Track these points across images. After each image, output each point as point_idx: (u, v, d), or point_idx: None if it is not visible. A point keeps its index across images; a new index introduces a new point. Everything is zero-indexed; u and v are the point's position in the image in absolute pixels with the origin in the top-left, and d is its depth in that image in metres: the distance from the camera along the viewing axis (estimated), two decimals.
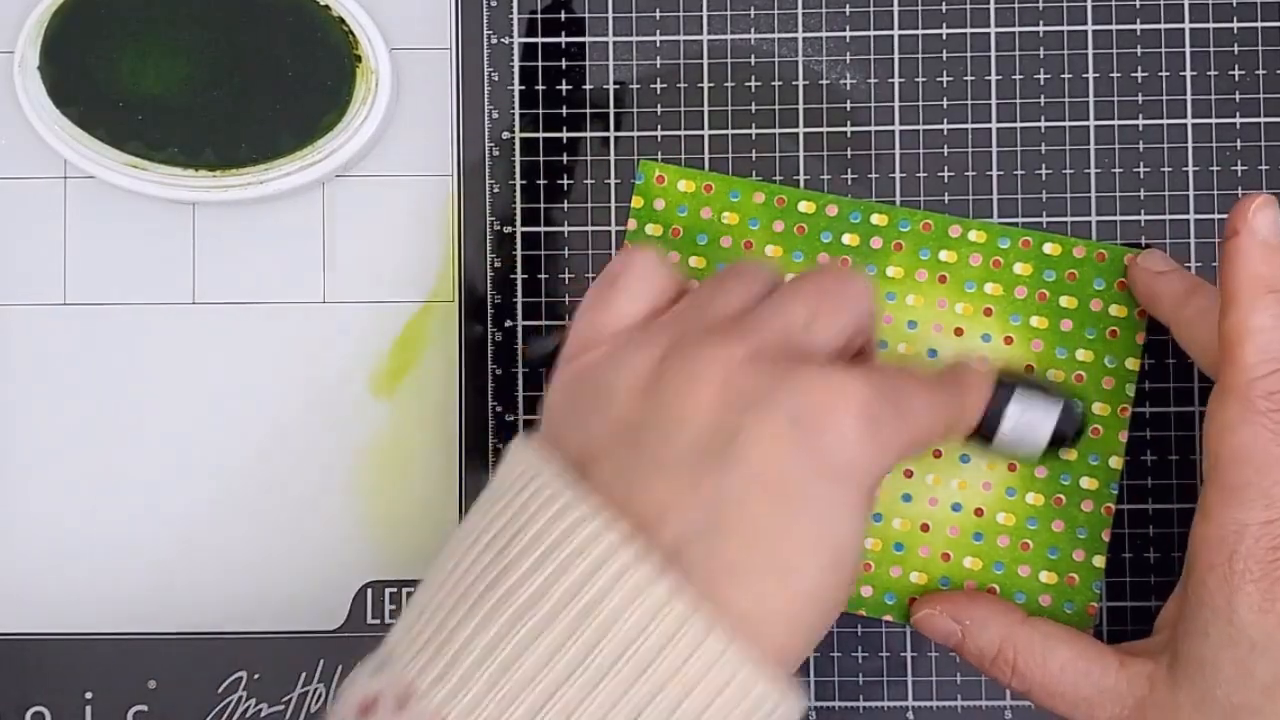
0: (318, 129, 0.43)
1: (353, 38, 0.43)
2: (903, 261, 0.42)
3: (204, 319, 0.44)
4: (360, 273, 0.44)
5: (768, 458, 0.32)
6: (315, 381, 0.44)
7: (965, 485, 0.42)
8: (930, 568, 0.42)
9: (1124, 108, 0.43)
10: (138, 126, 0.43)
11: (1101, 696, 0.38)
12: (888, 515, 0.42)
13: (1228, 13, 0.43)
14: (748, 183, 0.43)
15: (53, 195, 0.44)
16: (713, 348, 0.33)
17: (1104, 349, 0.42)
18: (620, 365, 0.34)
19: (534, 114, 0.44)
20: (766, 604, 0.31)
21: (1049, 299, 0.42)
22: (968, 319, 0.42)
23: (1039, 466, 0.41)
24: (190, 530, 0.44)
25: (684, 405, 0.32)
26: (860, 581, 0.42)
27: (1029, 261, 0.42)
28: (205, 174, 0.43)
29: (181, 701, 0.43)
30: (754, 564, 0.31)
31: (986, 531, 0.42)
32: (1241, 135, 0.43)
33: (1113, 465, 0.41)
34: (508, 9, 0.44)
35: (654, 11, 0.44)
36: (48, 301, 0.44)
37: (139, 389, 0.44)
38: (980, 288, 0.42)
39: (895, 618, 0.42)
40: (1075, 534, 0.41)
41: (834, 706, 0.43)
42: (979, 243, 0.42)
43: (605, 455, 0.33)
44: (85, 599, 0.44)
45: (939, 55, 0.44)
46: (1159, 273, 0.41)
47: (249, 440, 0.44)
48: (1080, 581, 0.41)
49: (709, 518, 0.31)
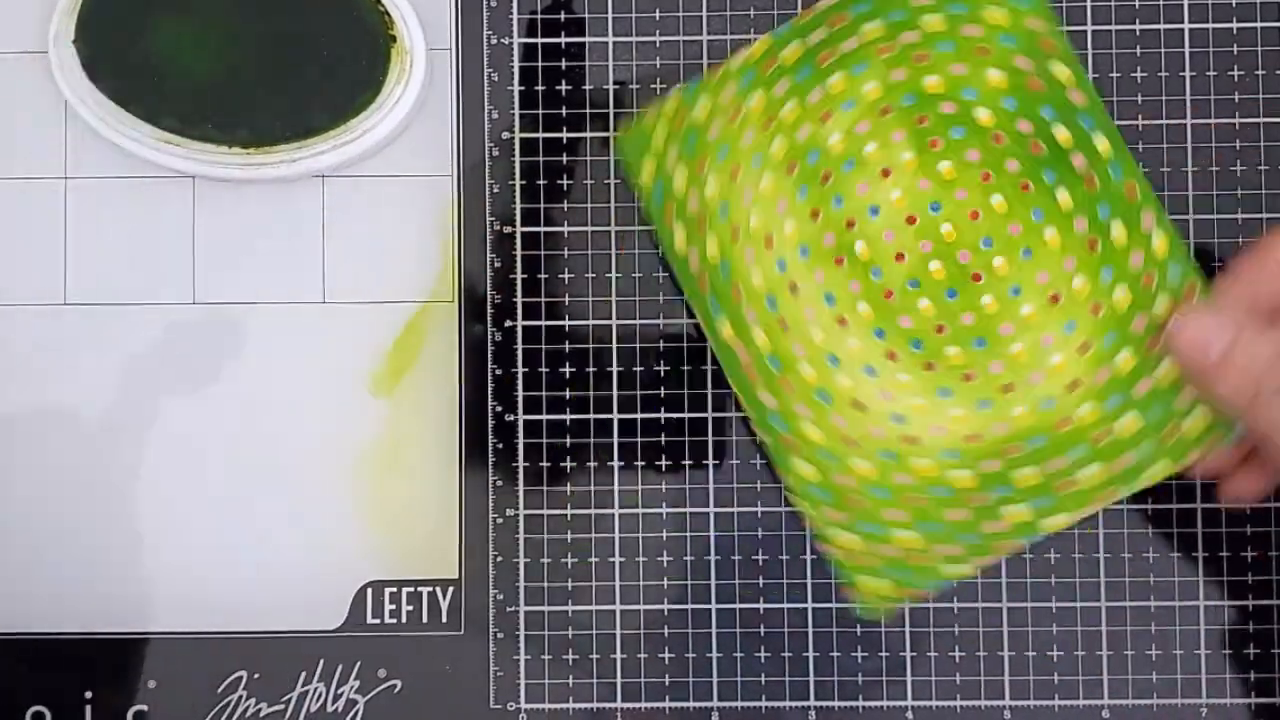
0: (353, 108, 0.43)
1: (388, 18, 0.43)
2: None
3: (204, 319, 0.44)
4: (360, 273, 0.44)
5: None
6: (315, 381, 0.44)
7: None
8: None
9: (1124, 108, 0.43)
10: (172, 103, 0.43)
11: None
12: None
13: (1228, 13, 0.43)
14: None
15: (53, 195, 0.44)
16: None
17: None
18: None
19: (534, 114, 0.44)
20: None
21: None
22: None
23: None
24: (190, 530, 0.44)
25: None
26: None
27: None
28: (239, 151, 0.43)
29: (181, 701, 0.43)
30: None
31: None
32: (1241, 135, 0.43)
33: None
34: (508, 9, 0.44)
35: (654, 11, 0.44)
36: (48, 301, 0.44)
37: (139, 389, 0.44)
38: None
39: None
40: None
41: (834, 706, 0.43)
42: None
43: None
44: (85, 599, 0.44)
45: None
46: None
47: (249, 440, 0.44)
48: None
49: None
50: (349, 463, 0.44)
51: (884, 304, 0.40)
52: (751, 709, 0.43)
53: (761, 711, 0.43)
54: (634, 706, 0.43)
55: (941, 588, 0.42)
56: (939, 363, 0.40)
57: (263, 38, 0.43)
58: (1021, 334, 0.39)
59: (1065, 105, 0.39)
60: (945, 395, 0.40)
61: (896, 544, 0.41)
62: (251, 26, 0.43)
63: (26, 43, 0.44)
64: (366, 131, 0.43)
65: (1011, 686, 0.43)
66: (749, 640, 0.43)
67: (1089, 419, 0.39)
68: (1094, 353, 0.39)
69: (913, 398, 0.40)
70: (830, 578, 0.43)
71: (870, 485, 0.40)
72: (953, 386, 0.40)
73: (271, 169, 0.43)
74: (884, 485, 0.40)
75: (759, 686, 0.43)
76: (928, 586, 0.41)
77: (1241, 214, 0.43)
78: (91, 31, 0.43)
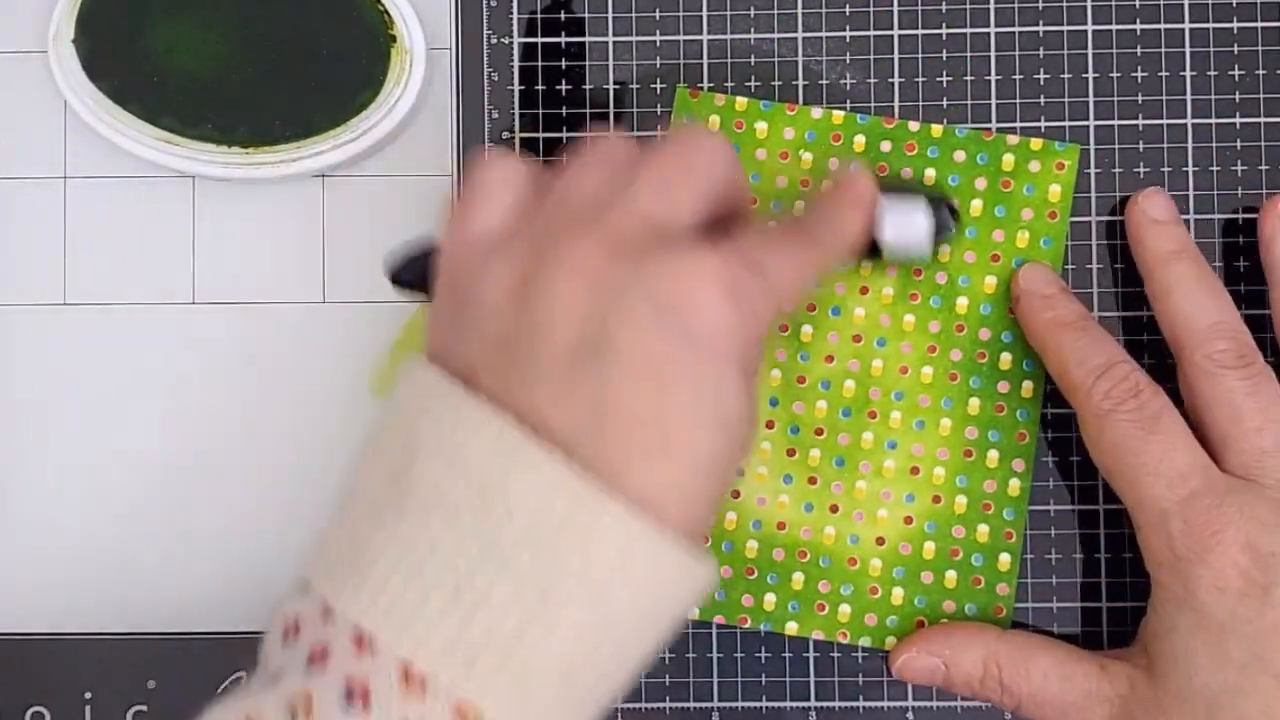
0: (352, 107, 0.43)
1: (388, 17, 0.43)
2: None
3: (204, 319, 0.44)
4: (360, 273, 0.44)
5: (636, 345, 0.32)
6: (315, 381, 0.44)
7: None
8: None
9: (1124, 108, 0.43)
10: (171, 102, 0.43)
11: (1087, 700, 0.39)
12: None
13: (1228, 13, 0.43)
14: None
15: (53, 195, 0.44)
16: (571, 247, 0.33)
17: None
18: (491, 277, 0.34)
19: (534, 114, 0.44)
20: (661, 479, 0.32)
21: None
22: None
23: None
24: (190, 530, 0.44)
25: (551, 311, 0.33)
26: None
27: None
28: (238, 151, 0.43)
29: (181, 701, 0.43)
30: (642, 446, 0.32)
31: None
32: (1241, 135, 0.43)
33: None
34: (508, 9, 0.44)
35: (654, 11, 0.44)
36: (48, 301, 0.44)
37: (139, 389, 0.44)
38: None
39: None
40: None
41: (834, 707, 0.43)
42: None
43: (485, 369, 0.33)
44: (85, 599, 0.44)
45: (939, 55, 0.44)
46: (1155, 221, 0.41)
47: (249, 440, 0.44)
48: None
49: (592, 410, 0.32)
50: (348, 463, 0.44)
51: (793, 382, 0.43)
52: (751, 709, 0.43)
53: (761, 711, 0.43)
54: (634, 706, 0.43)
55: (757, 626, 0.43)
56: (799, 454, 0.43)
57: (262, 37, 0.43)
58: (872, 479, 0.42)
59: (1023, 341, 0.42)
60: (786, 482, 0.42)
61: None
62: (251, 26, 0.43)
63: (26, 42, 0.44)
64: (366, 131, 0.43)
65: None
66: (749, 640, 0.43)
67: (873, 572, 0.42)
68: (912, 528, 0.42)
69: (760, 465, 0.43)
70: None
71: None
72: (796, 481, 0.43)
73: (271, 168, 0.43)
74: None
75: (759, 686, 0.43)
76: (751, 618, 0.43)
77: (1242, 214, 0.43)
78: (91, 30, 0.43)
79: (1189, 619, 0.37)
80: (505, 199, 0.36)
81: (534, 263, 0.34)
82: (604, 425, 0.32)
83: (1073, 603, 0.43)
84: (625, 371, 0.32)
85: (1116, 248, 0.43)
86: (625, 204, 0.34)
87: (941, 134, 0.43)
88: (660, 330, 0.32)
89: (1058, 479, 0.43)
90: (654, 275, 0.33)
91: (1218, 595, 0.37)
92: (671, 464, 0.32)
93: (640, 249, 0.33)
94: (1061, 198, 0.42)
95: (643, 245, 0.34)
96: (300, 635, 0.32)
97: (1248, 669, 0.36)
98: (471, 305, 0.34)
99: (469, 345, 0.34)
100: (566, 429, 0.32)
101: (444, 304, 0.36)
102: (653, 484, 0.32)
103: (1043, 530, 0.43)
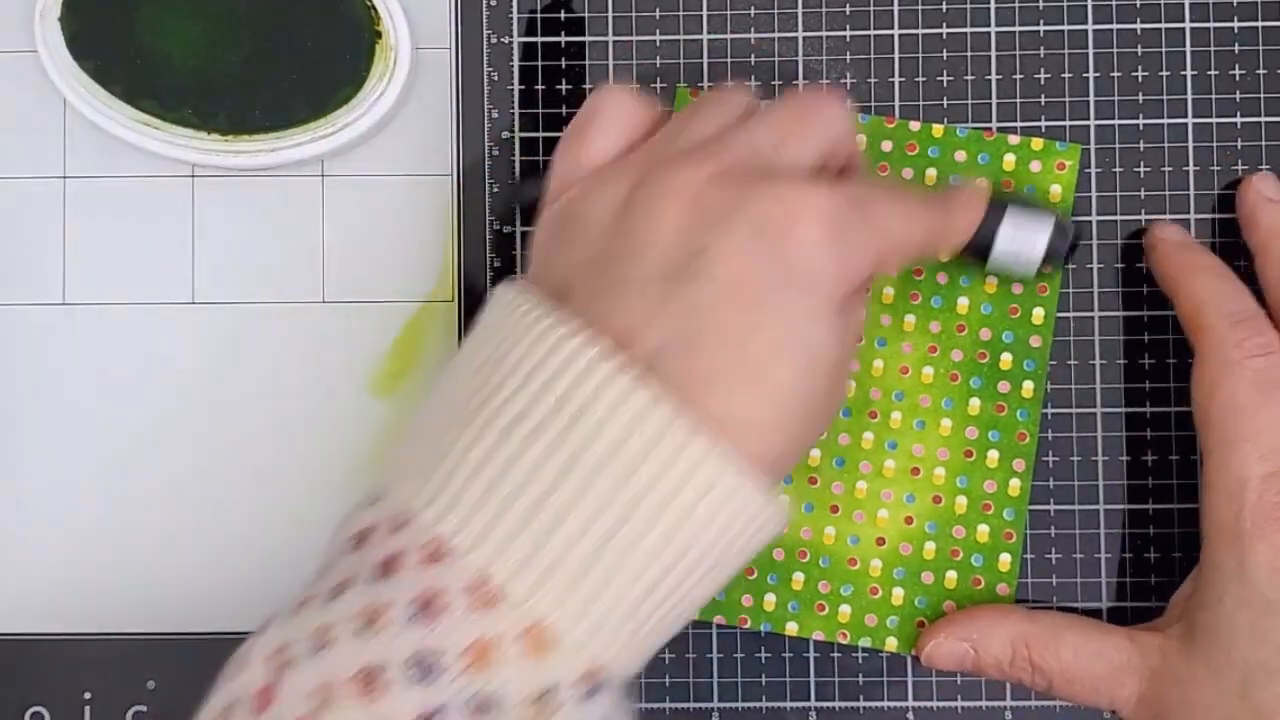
0: (333, 101, 0.43)
1: (375, 13, 0.43)
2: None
3: (204, 319, 0.44)
4: (360, 272, 0.44)
5: (733, 269, 0.32)
6: (315, 381, 0.44)
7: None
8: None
9: (1124, 107, 0.43)
10: (153, 84, 0.43)
11: (1117, 673, 0.38)
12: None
13: (1228, 13, 0.43)
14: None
15: (53, 195, 0.44)
16: (678, 171, 0.34)
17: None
18: (595, 198, 0.35)
19: (534, 114, 0.44)
20: (742, 408, 0.32)
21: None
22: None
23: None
24: (190, 530, 0.44)
25: (651, 227, 0.33)
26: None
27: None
28: (216, 137, 0.43)
29: (181, 701, 0.43)
30: (727, 371, 0.32)
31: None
32: (1241, 135, 0.43)
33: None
34: (508, 9, 0.44)
35: (654, 11, 0.44)
36: (48, 301, 0.44)
37: (139, 389, 0.44)
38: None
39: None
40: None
41: (834, 707, 0.43)
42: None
43: (580, 283, 0.34)
44: (85, 599, 0.44)
45: (939, 55, 0.44)
46: (1270, 200, 0.41)
47: (249, 440, 0.44)
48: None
49: (680, 331, 0.32)
50: (349, 463, 0.44)
51: None
52: (751, 709, 0.43)
53: (761, 711, 0.43)
54: (634, 706, 0.43)
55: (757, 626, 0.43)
56: None
57: (247, 27, 0.43)
58: (872, 479, 0.42)
59: (1024, 341, 0.42)
60: (786, 482, 0.42)
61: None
62: (236, 15, 0.43)
63: (26, 42, 0.44)
64: (346, 126, 0.43)
65: (1013, 686, 0.43)
66: (749, 640, 0.43)
67: (873, 573, 0.42)
68: (913, 528, 0.42)
69: None
70: None
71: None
72: (796, 481, 0.42)
73: (249, 158, 0.43)
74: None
75: (759, 687, 0.43)
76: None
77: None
78: (77, 9, 0.43)
79: (1238, 592, 0.37)
80: (620, 128, 0.36)
81: (639, 185, 0.34)
82: (692, 342, 0.32)
83: (1073, 603, 0.43)
84: (718, 293, 0.32)
85: (1117, 248, 0.43)
86: (739, 140, 0.35)
87: (942, 134, 0.43)
88: (756, 255, 0.32)
89: (1058, 479, 0.43)
90: (758, 201, 0.33)
91: (1271, 575, 0.36)
92: (752, 392, 0.32)
93: (747, 178, 0.33)
94: (1062, 198, 0.42)
95: (750, 175, 0.34)
96: (369, 545, 0.32)
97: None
98: (575, 224, 0.35)
99: (568, 261, 0.34)
100: (652, 347, 0.32)
101: (548, 223, 0.36)
102: (737, 412, 0.32)
103: (1043, 530, 0.43)
